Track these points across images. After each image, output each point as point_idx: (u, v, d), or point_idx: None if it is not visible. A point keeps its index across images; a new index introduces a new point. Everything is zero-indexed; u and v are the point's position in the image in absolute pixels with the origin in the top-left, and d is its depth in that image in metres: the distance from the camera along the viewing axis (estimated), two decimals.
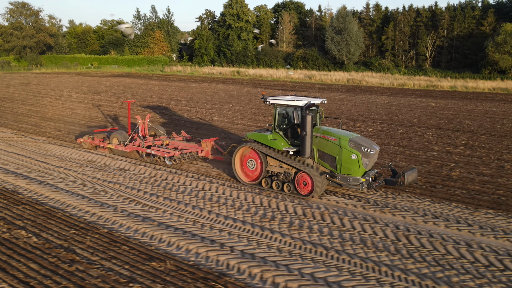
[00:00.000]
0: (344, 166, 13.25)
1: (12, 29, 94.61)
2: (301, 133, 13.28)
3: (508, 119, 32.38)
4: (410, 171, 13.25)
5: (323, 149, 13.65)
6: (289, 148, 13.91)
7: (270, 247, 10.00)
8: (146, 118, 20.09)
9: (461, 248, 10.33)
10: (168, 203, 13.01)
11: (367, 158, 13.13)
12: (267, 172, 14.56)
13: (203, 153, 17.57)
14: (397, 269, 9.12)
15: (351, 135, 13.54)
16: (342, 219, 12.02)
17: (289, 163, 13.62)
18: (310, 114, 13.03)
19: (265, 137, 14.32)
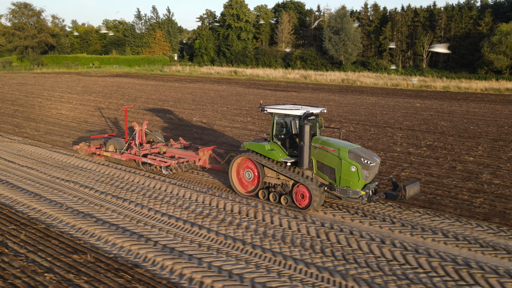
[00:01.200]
0: (344, 178, 12.80)
1: (15, 29, 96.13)
2: (299, 143, 12.94)
3: (484, 120, 32.93)
4: (411, 184, 12.74)
5: (322, 160, 13.20)
6: (287, 159, 13.54)
7: (192, 242, 10.80)
8: (144, 124, 19.60)
9: (373, 244, 11.06)
10: (114, 201, 13.85)
11: (367, 170, 12.66)
12: (264, 183, 14.15)
13: (200, 162, 17.12)
14: (301, 261, 9.87)
15: (351, 146, 13.07)
16: (273, 216, 12.80)
17: (287, 175, 13.22)
18: (308, 124, 12.70)
19: (263, 147, 13.90)
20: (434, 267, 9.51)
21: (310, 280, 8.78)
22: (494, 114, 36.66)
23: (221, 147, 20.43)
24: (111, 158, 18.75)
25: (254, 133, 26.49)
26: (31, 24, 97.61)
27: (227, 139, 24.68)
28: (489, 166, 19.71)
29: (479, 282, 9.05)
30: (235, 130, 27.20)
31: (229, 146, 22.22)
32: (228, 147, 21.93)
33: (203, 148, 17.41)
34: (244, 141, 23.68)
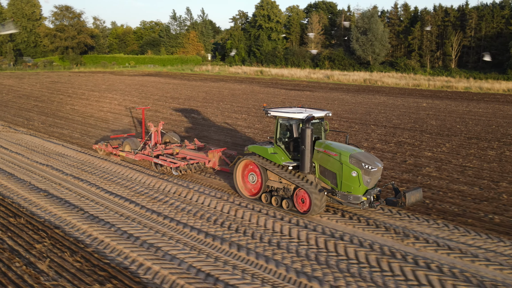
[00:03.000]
0: (345, 183, 12.60)
1: (56, 31, 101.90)
2: (300, 147, 12.87)
3: (477, 120, 33.50)
4: (413, 191, 12.43)
5: (325, 165, 13.00)
6: (289, 162, 13.50)
7: (149, 228, 12.86)
8: (159, 125, 19.71)
9: (293, 228, 12.82)
10: (73, 181, 16.17)
11: (368, 176, 12.39)
12: (267, 187, 14.07)
13: (210, 163, 17.27)
14: (234, 244, 11.77)
15: (353, 151, 12.80)
16: (223, 205, 14.62)
17: (287, 178, 13.13)
18: (309, 127, 12.57)
19: (265, 150, 13.84)
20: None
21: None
22: (494, 114, 36.96)
23: (202, 140, 22.35)
24: (127, 158, 18.83)
25: (239, 128, 28.38)
26: (71, 25, 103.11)
27: (209, 133, 26.72)
28: (439, 161, 20.85)
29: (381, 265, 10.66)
30: (224, 125, 29.20)
31: (208, 140, 24.23)
32: (207, 140, 23.92)
33: (213, 150, 17.51)
34: (223, 136, 25.68)
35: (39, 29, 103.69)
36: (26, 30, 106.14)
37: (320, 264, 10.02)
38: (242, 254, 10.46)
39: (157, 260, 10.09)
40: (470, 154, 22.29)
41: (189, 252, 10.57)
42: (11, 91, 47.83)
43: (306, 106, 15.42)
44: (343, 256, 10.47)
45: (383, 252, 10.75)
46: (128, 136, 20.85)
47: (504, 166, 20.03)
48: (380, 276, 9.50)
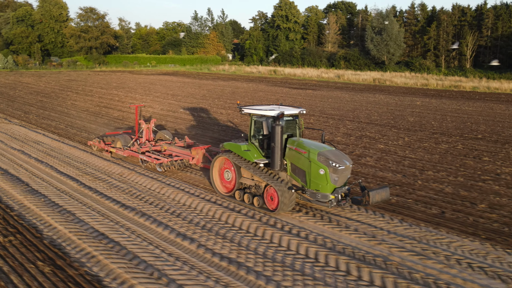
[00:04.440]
0: (313, 181, 12.53)
1: (81, 32, 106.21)
2: (271, 144, 12.81)
3: (459, 117, 34.33)
4: (379, 189, 12.33)
5: (296, 163, 12.96)
6: (261, 159, 13.48)
7: (75, 199, 14.97)
8: (151, 122, 19.96)
9: (225, 214, 14.64)
10: (34, 163, 18.38)
11: (336, 174, 12.27)
12: (241, 184, 14.11)
13: (194, 160, 17.36)
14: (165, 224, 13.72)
15: (323, 149, 12.67)
16: (157, 185, 16.65)
17: (258, 176, 13.09)
18: (279, 125, 12.53)
19: (239, 147, 13.83)
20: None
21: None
22: (480, 112, 37.58)
23: (193, 136, 24.29)
24: (117, 154, 19.32)
25: (230, 124, 30.25)
26: (95, 26, 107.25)
27: (198, 129, 28.70)
28: (385, 152, 22.19)
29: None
30: (216, 122, 31.12)
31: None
32: (198, 136, 25.89)
33: (196, 147, 17.66)
34: (211, 133, 27.58)
35: (65, 30, 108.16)
36: (53, 31, 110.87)
37: (251, 251, 11.78)
38: (160, 229, 12.33)
39: (66, 222, 12.07)
40: (421, 147, 23.47)
41: (95, 216, 12.52)
42: (25, 88, 51.10)
43: (282, 103, 15.25)
44: (294, 252, 12.16)
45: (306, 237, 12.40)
46: (123, 133, 20.74)
47: (445, 157, 21.20)
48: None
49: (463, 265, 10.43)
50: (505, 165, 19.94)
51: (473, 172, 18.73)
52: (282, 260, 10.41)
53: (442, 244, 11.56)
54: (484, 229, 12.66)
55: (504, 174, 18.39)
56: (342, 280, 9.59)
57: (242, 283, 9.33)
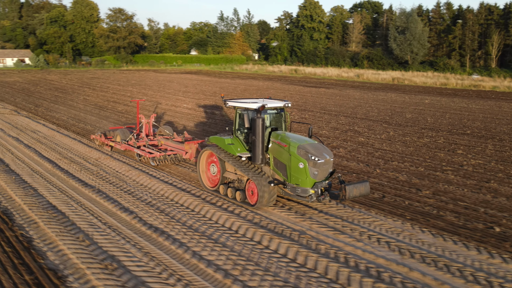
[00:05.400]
0: (293, 175, 12.21)
1: (109, 32, 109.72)
2: (251, 137, 12.67)
3: (454, 114, 34.40)
4: (357, 184, 11.88)
5: (278, 156, 12.62)
6: (244, 153, 13.22)
7: (43, 178, 16.43)
8: (151, 117, 20.20)
9: (174, 193, 15.84)
10: (22, 147, 19.98)
11: (315, 168, 11.92)
12: (224, 178, 13.91)
13: (187, 155, 17.28)
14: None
15: (304, 142, 12.33)
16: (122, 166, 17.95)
17: (239, 169, 12.88)
18: (260, 117, 12.27)
19: (223, 141, 13.62)
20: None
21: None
22: (483, 110, 37.40)
23: (194, 131, 25.56)
24: (116, 149, 19.69)
25: (222, 116, 31.42)
26: (124, 27, 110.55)
27: (201, 124, 29.98)
28: (362, 144, 22.84)
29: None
30: (210, 115, 32.36)
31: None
32: (199, 132, 27.15)
33: (189, 142, 17.72)
34: (211, 127, 28.80)
35: (95, 31, 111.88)
36: (84, 32, 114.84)
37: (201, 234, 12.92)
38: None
39: (25, 196, 13.44)
40: (401, 141, 23.95)
41: (54, 192, 13.85)
42: (47, 85, 53.72)
43: (270, 97, 14.91)
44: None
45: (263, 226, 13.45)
46: (124, 128, 20.81)
47: (419, 150, 21.67)
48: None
49: (372, 240, 11.17)
50: (474, 158, 20.27)
51: (438, 163, 19.18)
52: (208, 232, 11.42)
53: (365, 223, 12.29)
54: (413, 211, 13.30)
55: (468, 166, 18.78)
56: (249, 247, 10.51)
57: (157, 246, 10.39)
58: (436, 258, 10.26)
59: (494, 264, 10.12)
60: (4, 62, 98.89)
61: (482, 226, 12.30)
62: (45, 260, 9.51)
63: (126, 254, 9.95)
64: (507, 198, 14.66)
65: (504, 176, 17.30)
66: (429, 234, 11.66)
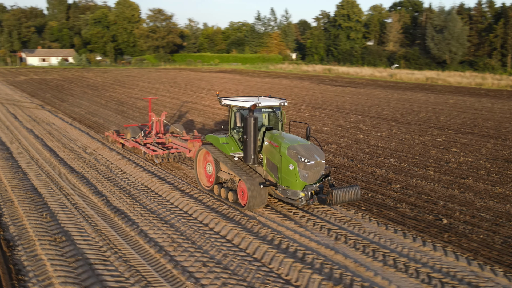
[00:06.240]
0: (283, 177, 11.83)
1: (149, 32, 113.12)
2: (243, 137, 12.31)
3: (468, 113, 33.90)
4: (345, 188, 11.47)
5: (271, 157, 12.23)
6: (238, 153, 12.89)
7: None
8: (162, 115, 20.33)
9: (150, 180, 16.96)
10: (32, 139, 21.59)
11: (305, 170, 11.51)
12: (219, 178, 13.62)
13: (190, 153, 17.10)
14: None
15: (295, 142, 11.89)
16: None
17: (231, 169, 12.53)
18: (252, 116, 11.86)
19: (218, 139, 13.27)
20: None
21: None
22: (507, 111, 36.51)
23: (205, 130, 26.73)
24: (127, 146, 19.94)
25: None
26: (163, 27, 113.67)
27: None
28: (354, 140, 23.18)
29: None
30: (226, 112, 33.41)
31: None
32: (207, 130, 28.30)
33: (192, 140, 17.53)
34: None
35: (136, 31, 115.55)
36: (126, 32, 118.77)
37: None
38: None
39: (13, 179, 14.82)
40: (399, 138, 24.08)
41: (41, 176, 15.15)
42: (81, 82, 56.40)
43: (271, 95, 14.44)
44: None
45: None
46: (142, 126, 21.17)
47: (412, 147, 21.79)
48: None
49: (315, 227, 11.74)
50: (465, 156, 20.24)
51: (424, 160, 19.33)
52: (163, 215, 12.34)
53: (317, 212, 12.83)
54: (371, 203, 13.71)
55: (453, 163, 18.83)
56: (195, 228, 11.32)
57: (110, 225, 11.39)
58: (367, 244, 10.73)
59: (422, 251, 10.49)
60: (49, 61, 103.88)
61: (431, 217, 12.60)
62: (5, 232, 10.68)
63: (79, 230, 10.98)
64: (474, 194, 14.79)
65: (485, 174, 17.31)
66: (375, 223, 12.09)
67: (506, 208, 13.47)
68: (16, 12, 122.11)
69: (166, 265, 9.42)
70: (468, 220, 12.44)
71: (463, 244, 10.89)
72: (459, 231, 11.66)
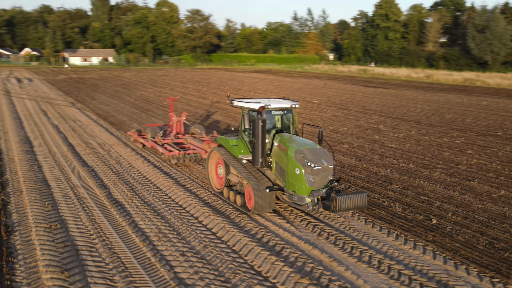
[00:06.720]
0: (290, 181, 11.58)
1: (187, 32, 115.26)
2: (251, 139, 12.10)
3: (507, 117, 33.07)
4: (351, 195, 10.99)
5: (279, 161, 11.99)
6: (246, 155, 12.68)
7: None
8: (182, 116, 20.34)
9: (155, 174, 17.70)
10: (55, 134, 22.75)
11: (311, 174, 11.20)
12: (228, 180, 13.43)
13: (206, 154, 16.71)
14: None
15: (303, 146, 11.61)
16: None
17: (240, 172, 12.26)
18: (260, 118, 11.59)
19: (228, 141, 13.18)
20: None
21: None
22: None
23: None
24: (147, 146, 20.01)
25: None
26: (200, 27, 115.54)
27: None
28: (370, 141, 23.16)
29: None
30: (236, 109, 33.90)
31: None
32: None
33: (208, 141, 17.45)
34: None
35: (174, 31, 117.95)
36: (165, 32, 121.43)
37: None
38: None
39: (26, 166, 15.79)
40: (416, 139, 23.91)
41: (52, 164, 16.09)
42: (116, 81, 58.28)
43: (285, 97, 14.30)
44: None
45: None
46: (163, 126, 21.17)
47: (426, 149, 21.62)
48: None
49: (302, 223, 12.00)
50: (479, 158, 19.94)
51: (434, 161, 19.18)
52: (158, 207, 12.93)
53: None
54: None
55: (463, 165, 18.61)
56: (184, 220, 11.83)
57: (104, 215, 12.06)
58: (348, 241, 10.93)
59: (402, 249, 10.60)
60: (90, 60, 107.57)
61: (421, 217, 12.62)
62: (7, 219, 11.51)
63: (75, 219, 11.69)
64: (475, 196, 14.66)
65: (493, 176, 17.06)
66: (363, 221, 12.24)
67: (503, 210, 13.31)
68: (61, 14, 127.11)
69: (147, 253, 9.95)
70: (459, 221, 12.40)
71: (445, 244, 10.91)
72: (445, 231, 11.67)
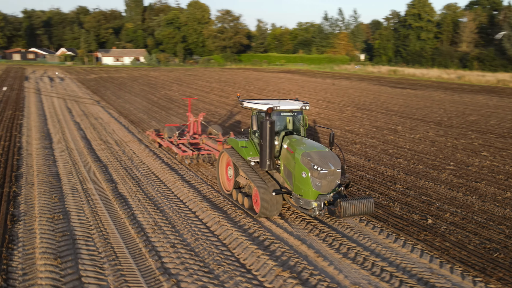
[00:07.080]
0: (296, 184, 11.37)
1: (217, 32, 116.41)
2: (259, 141, 11.99)
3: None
4: (357, 200, 10.78)
5: (287, 163, 11.80)
6: (254, 157, 12.55)
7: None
8: (199, 116, 20.34)
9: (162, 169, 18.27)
10: (74, 131, 23.63)
11: (318, 178, 10.94)
12: (237, 182, 13.25)
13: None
14: None
15: (311, 149, 11.36)
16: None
17: (247, 174, 12.12)
18: (268, 120, 11.37)
19: (237, 143, 13.02)
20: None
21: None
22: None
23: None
24: (164, 146, 20.18)
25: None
26: (230, 27, 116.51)
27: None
28: (385, 142, 23.11)
29: None
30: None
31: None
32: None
33: (221, 142, 17.07)
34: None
35: (205, 31, 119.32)
36: (196, 32, 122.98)
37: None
38: None
39: (42, 159, 16.56)
40: (431, 141, 23.71)
41: (67, 159, 16.83)
42: (144, 80, 59.55)
43: (297, 98, 14.25)
44: None
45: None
46: (181, 126, 21.14)
47: (440, 150, 21.42)
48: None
49: (297, 220, 12.22)
50: (492, 160, 19.64)
51: (445, 162, 19.01)
52: (159, 201, 13.39)
53: None
54: None
55: (475, 167, 18.39)
56: (181, 214, 12.24)
57: (106, 207, 12.59)
58: (338, 238, 11.10)
59: (390, 247, 10.70)
60: (122, 60, 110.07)
61: (417, 217, 12.64)
62: (15, 209, 12.18)
63: (78, 211, 12.27)
64: (479, 197, 14.54)
65: (503, 178, 16.84)
66: (357, 219, 12.35)
67: (503, 212, 13.18)
68: (96, 15, 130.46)
69: (139, 244, 10.39)
70: (455, 222, 12.36)
71: (435, 243, 10.93)
72: (439, 231, 11.67)
